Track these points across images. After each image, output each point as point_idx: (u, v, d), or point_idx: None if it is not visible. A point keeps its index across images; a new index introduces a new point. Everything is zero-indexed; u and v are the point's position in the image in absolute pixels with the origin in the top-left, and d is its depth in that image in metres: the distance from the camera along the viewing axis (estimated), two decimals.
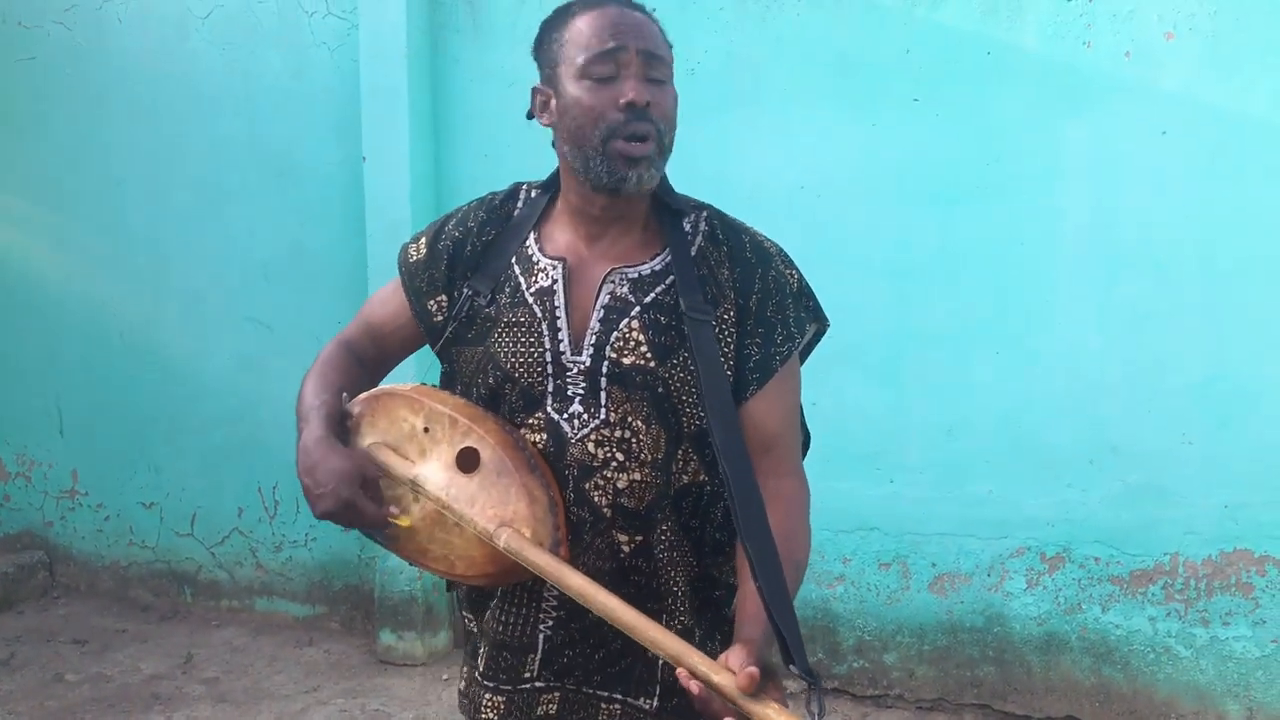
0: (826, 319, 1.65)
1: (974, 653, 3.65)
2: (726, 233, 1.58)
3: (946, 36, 3.49)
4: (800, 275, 1.62)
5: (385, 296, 1.75)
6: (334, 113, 4.16)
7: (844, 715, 3.68)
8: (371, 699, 3.85)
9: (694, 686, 1.32)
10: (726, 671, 1.32)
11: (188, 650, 4.28)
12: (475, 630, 1.71)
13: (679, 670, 1.34)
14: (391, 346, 1.75)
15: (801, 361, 1.65)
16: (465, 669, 1.74)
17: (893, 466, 3.68)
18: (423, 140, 3.97)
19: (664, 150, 1.52)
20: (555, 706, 1.62)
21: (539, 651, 1.60)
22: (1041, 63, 3.42)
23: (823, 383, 3.58)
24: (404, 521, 1.55)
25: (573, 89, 1.50)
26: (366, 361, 1.75)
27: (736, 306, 1.53)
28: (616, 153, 1.48)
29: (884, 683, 3.74)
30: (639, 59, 1.48)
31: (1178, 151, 3.33)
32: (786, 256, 1.62)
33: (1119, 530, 3.49)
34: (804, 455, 1.68)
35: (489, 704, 1.64)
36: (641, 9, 1.55)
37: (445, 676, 3.98)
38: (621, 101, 1.47)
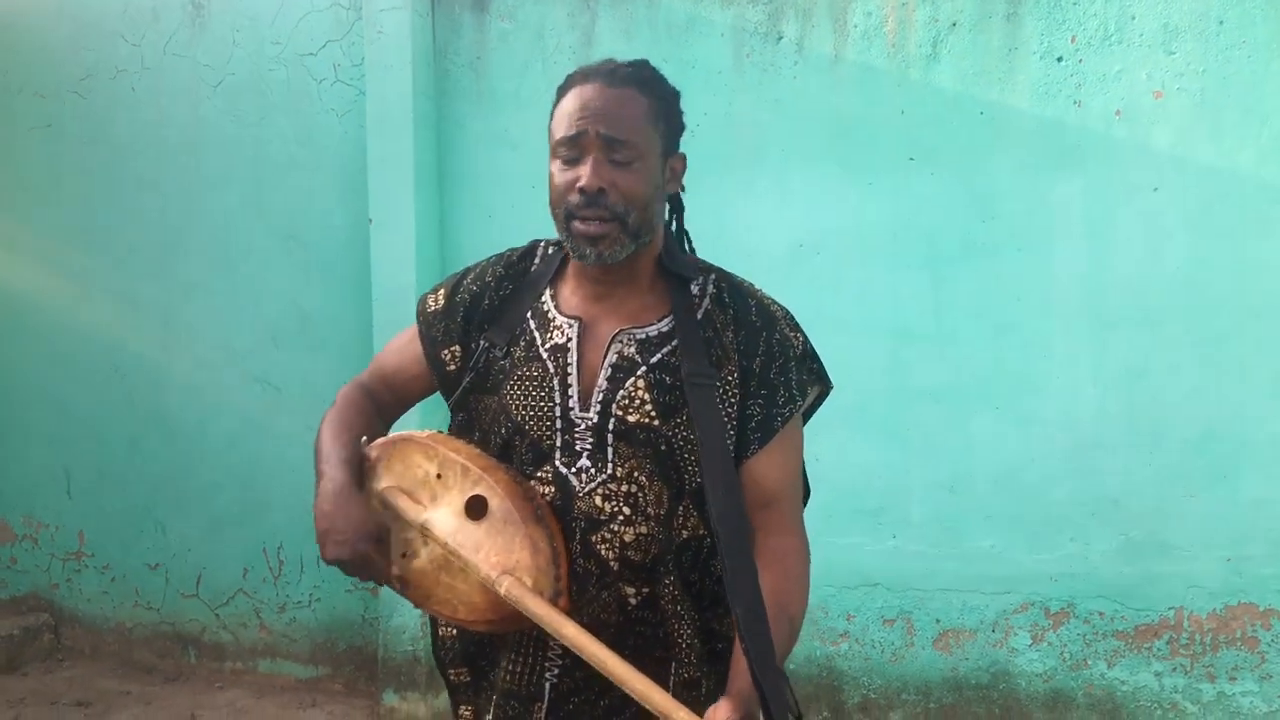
0: (830, 382, 1.70)
1: (980, 710, 3.63)
2: (734, 296, 1.64)
3: (940, 97, 3.56)
4: (805, 339, 1.67)
5: (401, 344, 1.81)
6: (341, 178, 4.24)
7: None
8: None
9: None
10: None
11: (191, 712, 4.27)
12: (466, 681, 1.74)
13: None
14: (405, 392, 1.81)
15: (804, 422, 1.70)
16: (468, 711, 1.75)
17: (895, 523, 3.69)
18: (427, 203, 4.04)
19: (629, 228, 1.55)
20: None
21: (545, 700, 1.63)
22: (1033, 122, 3.48)
23: (824, 440, 3.61)
24: (408, 577, 1.61)
25: (550, 166, 1.58)
26: (382, 406, 1.82)
27: (740, 368, 1.58)
28: (577, 232, 1.56)
29: None
30: (599, 143, 1.52)
31: (1170, 208, 3.38)
32: (792, 320, 1.67)
33: (1122, 585, 3.48)
34: (803, 507, 1.71)
35: None
36: (629, 81, 1.56)
37: None
38: (576, 185, 1.53)
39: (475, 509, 1.56)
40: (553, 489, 1.59)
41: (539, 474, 1.61)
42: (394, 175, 4.02)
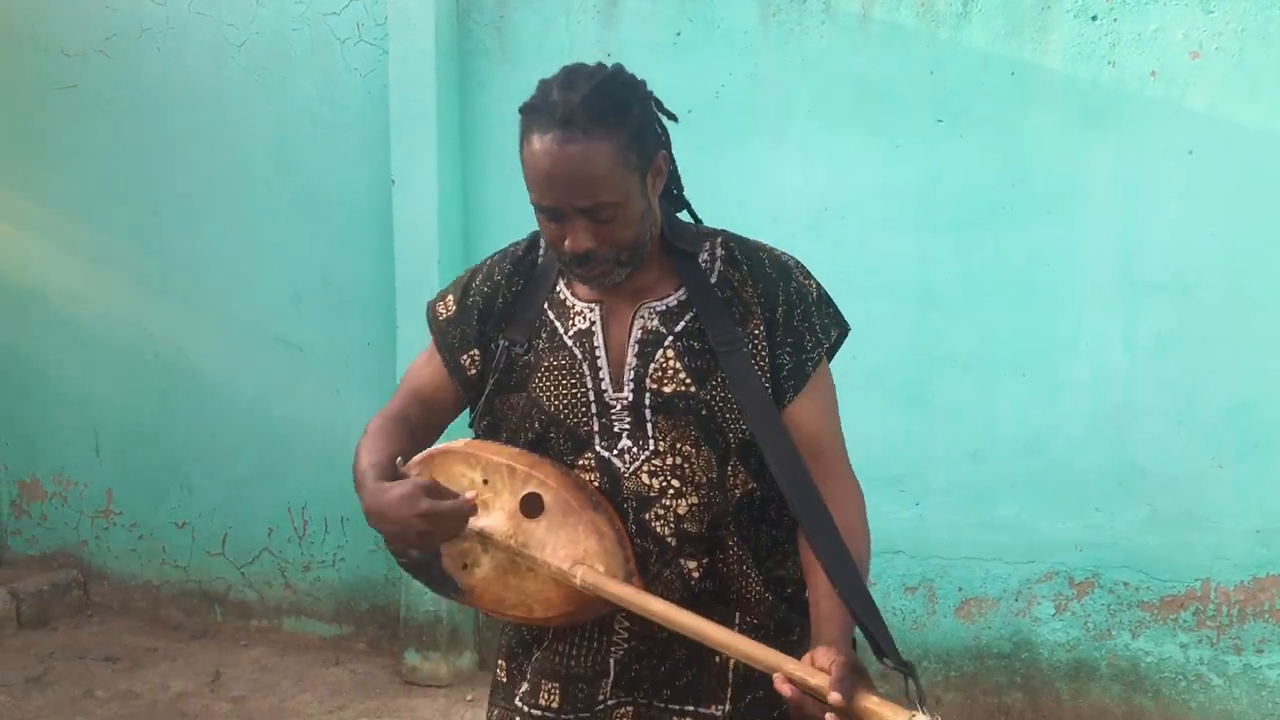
0: (847, 323, 1.69)
1: (1001, 679, 3.60)
2: (745, 253, 1.62)
3: (970, 57, 3.49)
4: (818, 284, 1.66)
5: (423, 361, 1.76)
6: (364, 138, 4.21)
7: None
8: (395, 719, 3.85)
9: (787, 690, 1.37)
10: (821, 673, 1.36)
11: (216, 669, 4.31)
12: (502, 681, 1.73)
13: (775, 676, 1.39)
14: (438, 408, 1.74)
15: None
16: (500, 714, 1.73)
17: (918, 490, 3.66)
18: (450, 163, 4.01)
19: (624, 262, 1.52)
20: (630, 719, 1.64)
21: (610, 675, 1.63)
22: (1066, 83, 3.40)
23: (847, 406, 3.55)
24: (474, 588, 1.58)
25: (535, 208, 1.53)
26: (415, 428, 1.72)
27: (765, 320, 1.57)
28: (574, 274, 1.56)
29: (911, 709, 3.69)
30: (576, 214, 1.47)
31: (1205, 171, 3.30)
32: (804, 268, 1.66)
33: (1149, 555, 3.44)
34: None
35: None
36: (588, 126, 1.43)
37: (470, 697, 3.98)
38: (563, 246, 1.50)
39: (530, 507, 1.55)
40: (597, 475, 1.58)
41: (580, 462, 1.59)
42: (417, 135, 4.00)
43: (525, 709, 1.66)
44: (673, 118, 1.61)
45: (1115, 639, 3.49)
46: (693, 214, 1.69)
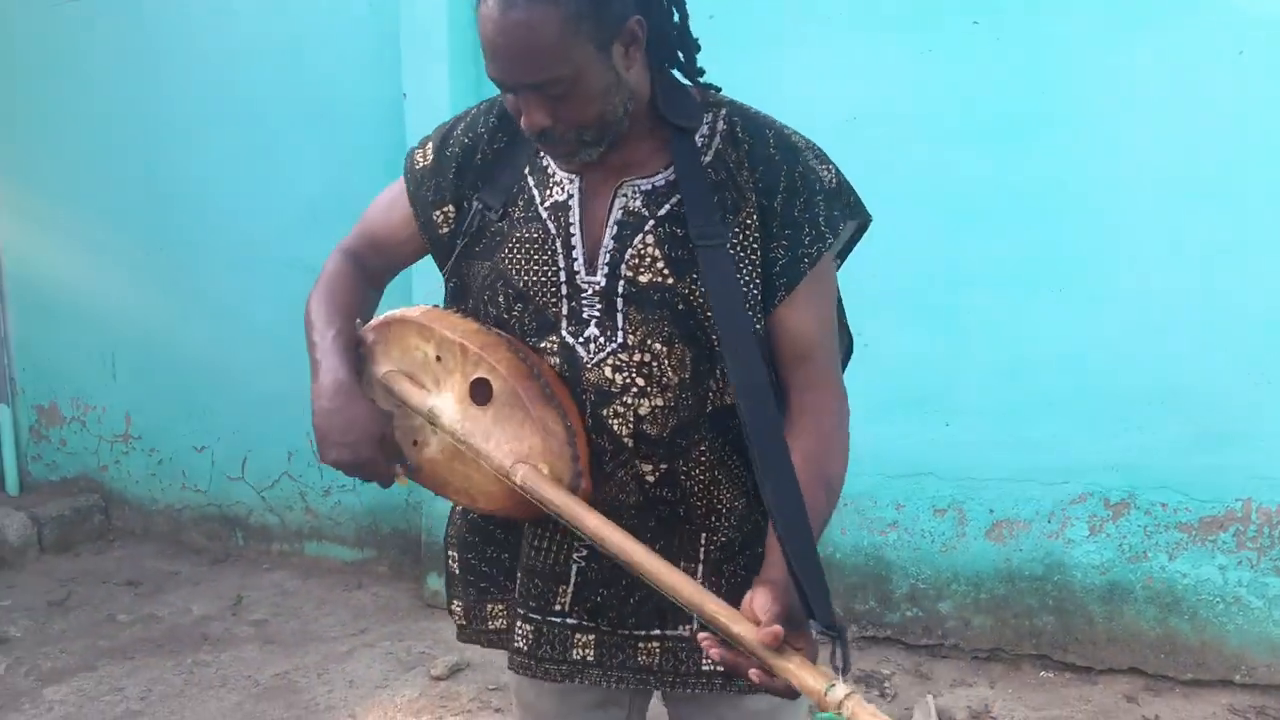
0: (868, 214, 1.52)
1: (1033, 602, 3.53)
2: (749, 129, 1.46)
3: None
4: (836, 171, 1.49)
5: (388, 203, 1.64)
6: (373, 50, 4.07)
7: (897, 664, 3.58)
8: (417, 642, 3.82)
9: (715, 654, 1.27)
10: (747, 622, 1.25)
11: (238, 593, 4.30)
12: (454, 572, 1.68)
13: (699, 635, 1.29)
14: (395, 256, 1.66)
15: (841, 261, 1.55)
16: (459, 605, 1.69)
17: (949, 409, 3.54)
18: (463, 75, 3.86)
19: (589, 140, 1.38)
20: (593, 651, 1.55)
21: (570, 583, 1.53)
22: None
23: (875, 324, 3.46)
24: (403, 482, 1.54)
25: None
26: (372, 273, 1.67)
27: (759, 208, 1.42)
28: (545, 152, 1.45)
29: (938, 632, 3.63)
30: (526, 91, 1.35)
31: (1255, 73, 3.12)
32: (819, 151, 1.50)
33: (1187, 475, 3.33)
34: (845, 363, 1.58)
35: (520, 633, 1.57)
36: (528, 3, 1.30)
37: None
38: (521, 124, 1.39)
39: (479, 393, 1.45)
40: (559, 360, 1.46)
41: (543, 345, 1.47)
42: (427, 47, 3.85)
43: (495, 593, 1.63)
44: None
45: (1151, 561, 3.40)
46: (694, 79, 1.50)
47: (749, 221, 1.42)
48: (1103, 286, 3.35)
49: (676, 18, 1.45)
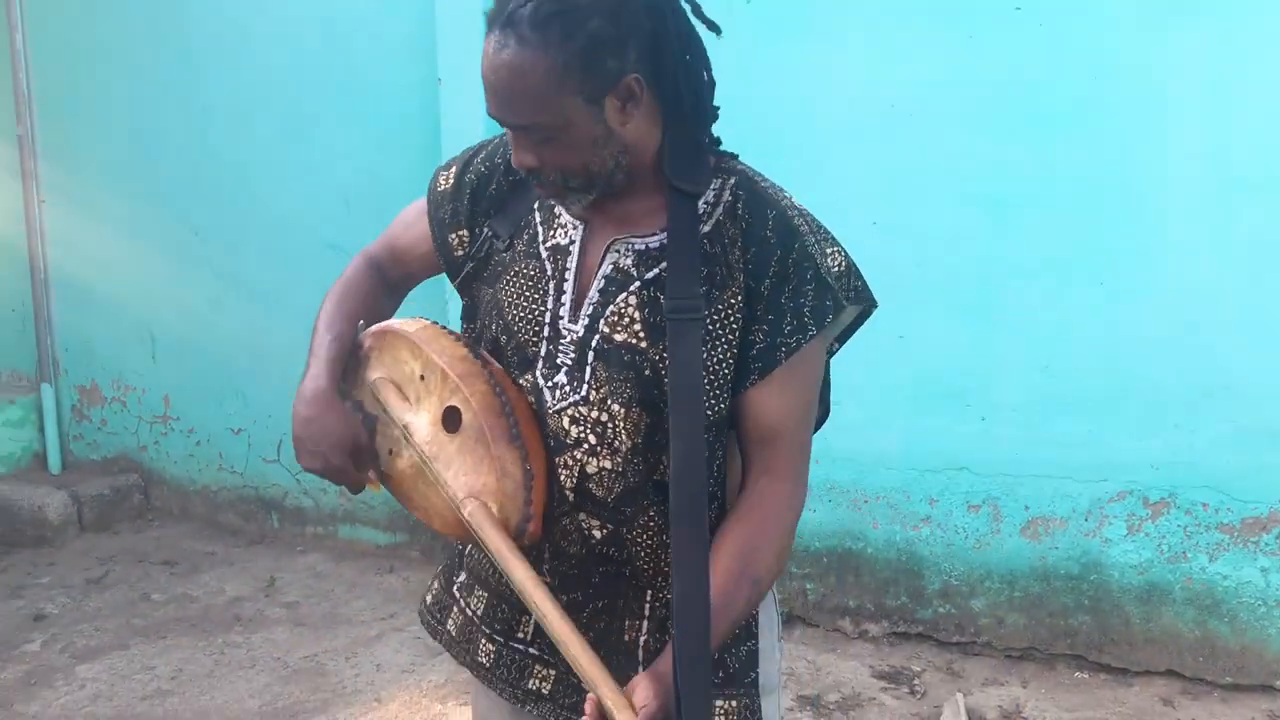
0: (873, 300, 1.46)
1: (1068, 601, 3.46)
2: (750, 206, 1.41)
3: None
4: (843, 255, 1.43)
5: (411, 219, 1.67)
6: (410, 36, 4.07)
7: (928, 661, 3.53)
8: None
9: (591, 716, 1.28)
10: (629, 711, 1.25)
11: (271, 574, 4.33)
12: (460, 550, 1.66)
13: (588, 696, 1.30)
14: (415, 269, 1.69)
15: (841, 344, 1.50)
16: (440, 586, 1.68)
17: (985, 404, 3.48)
18: None
19: (576, 188, 1.37)
20: (549, 685, 1.53)
21: (534, 617, 1.50)
22: None
23: (910, 316, 3.41)
24: (376, 488, 1.56)
25: None
26: (391, 282, 1.70)
27: (746, 289, 1.38)
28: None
29: (971, 630, 3.58)
30: (514, 130, 1.35)
31: None
32: (824, 234, 1.44)
33: (1230, 475, 3.25)
34: (818, 428, 1.51)
35: (484, 650, 1.57)
36: (526, 35, 1.28)
37: None
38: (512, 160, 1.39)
39: (450, 421, 1.46)
40: (533, 399, 1.46)
41: (522, 380, 1.47)
42: (463, 32, 3.83)
43: (460, 600, 1.61)
44: (713, 28, 1.41)
45: (1191, 562, 3.32)
46: (701, 145, 1.45)
47: (733, 301, 1.38)
48: (1144, 280, 3.27)
49: (689, 82, 1.40)
